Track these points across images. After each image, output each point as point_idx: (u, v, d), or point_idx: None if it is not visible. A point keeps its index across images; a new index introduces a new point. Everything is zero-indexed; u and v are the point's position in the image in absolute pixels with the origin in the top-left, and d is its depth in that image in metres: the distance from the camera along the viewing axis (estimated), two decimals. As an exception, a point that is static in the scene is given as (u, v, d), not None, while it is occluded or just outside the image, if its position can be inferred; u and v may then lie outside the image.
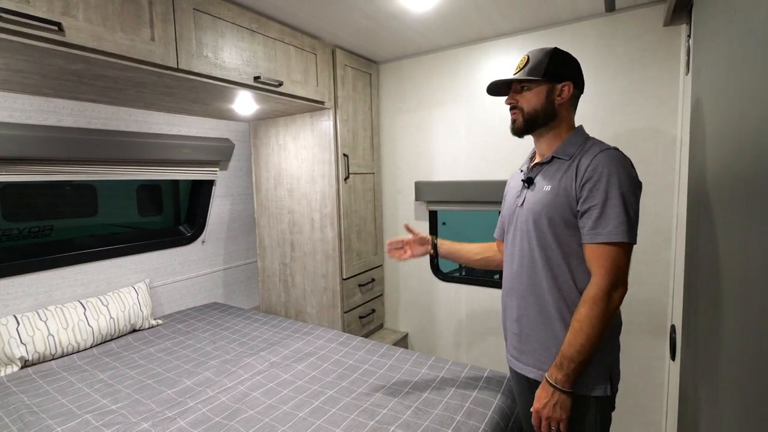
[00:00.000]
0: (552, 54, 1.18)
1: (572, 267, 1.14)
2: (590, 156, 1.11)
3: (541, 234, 1.17)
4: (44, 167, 1.92)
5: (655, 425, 2.00)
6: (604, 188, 1.05)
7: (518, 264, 1.25)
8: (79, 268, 2.17)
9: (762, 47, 0.66)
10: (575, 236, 1.13)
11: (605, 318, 1.05)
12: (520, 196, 1.26)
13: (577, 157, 1.14)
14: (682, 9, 1.70)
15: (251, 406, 1.51)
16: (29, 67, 1.41)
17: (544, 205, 1.16)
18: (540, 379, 1.18)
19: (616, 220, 1.04)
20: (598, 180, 1.06)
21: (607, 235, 1.04)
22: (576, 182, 1.11)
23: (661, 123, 1.89)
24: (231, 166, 2.86)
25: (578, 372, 1.07)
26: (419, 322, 2.75)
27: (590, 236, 1.07)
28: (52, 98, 1.90)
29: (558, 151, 1.19)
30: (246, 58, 1.79)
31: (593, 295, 1.06)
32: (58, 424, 1.39)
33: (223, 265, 2.96)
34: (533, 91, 1.19)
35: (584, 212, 1.09)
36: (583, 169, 1.10)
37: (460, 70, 2.40)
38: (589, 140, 1.18)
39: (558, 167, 1.17)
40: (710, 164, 1.06)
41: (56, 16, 1.20)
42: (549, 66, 1.17)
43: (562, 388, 1.07)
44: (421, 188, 2.56)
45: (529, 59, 1.20)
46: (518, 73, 1.21)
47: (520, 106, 1.21)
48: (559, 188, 1.14)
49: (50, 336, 1.89)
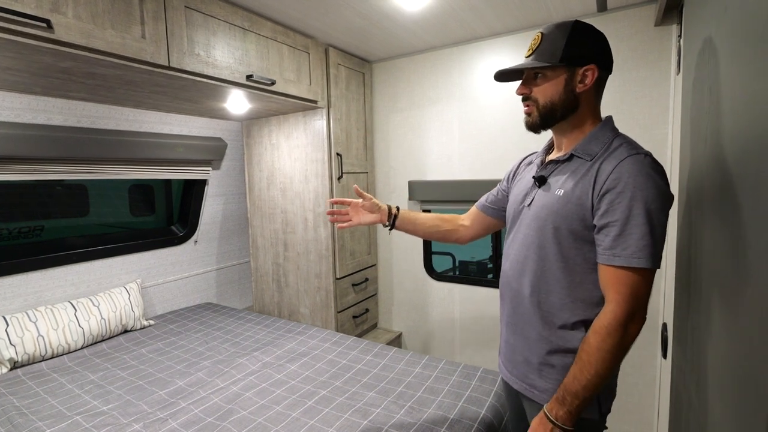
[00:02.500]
0: (571, 31, 0.98)
1: (572, 286, 0.99)
2: (614, 160, 0.92)
3: (542, 244, 1.02)
4: (33, 166, 1.90)
5: (647, 422, 2.01)
6: (627, 202, 0.88)
7: (510, 269, 1.13)
8: (69, 268, 2.14)
9: (750, 47, 0.66)
10: (581, 251, 0.97)
11: (619, 352, 0.89)
12: (529, 195, 1.10)
13: (599, 159, 0.96)
14: (673, 9, 1.72)
15: (244, 407, 1.50)
16: (18, 64, 1.39)
17: (551, 212, 1.00)
18: (525, 393, 1.09)
19: (639, 242, 0.87)
20: (621, 192, 0.89)
21: (628, 258, 0.88)
22: (594, 190, 0.93)
23: (653, 123, 1.90)
24: (223, 165, 2.84)
25: (582, 409, 0.92)
26: (413, 322, 2.76)
27: (607, 257, 0.91)
28: (42, 96, 1.88)
29: (578, 149, 1.01)
30: (238, 56, 1.78)
31: (607, 325, 0.89)
32: (47, 426, 1.37)
33: (216, 265, 2.95)
34: (549, 79, 1.00)
35: (602, 227, 0.92)
36: (604, 176, 0.92)
37: (453, 69, 2.41)
38: (617, 138, 0.99)
39: (576, 168, 1.00)
40: (701, 164, 1.07)
41: (45, 12, 1.18)
42: (567, 47, 0.97)
43: (563, 426, 0.93)
44: (415, 187, 2.57)
45: (543, 38, 1.00)
46: (530, 57, 1.02)
47: (534, 97, 1.03)
48: (572, 195, 0.97)
49: (40, 337, 1.87)
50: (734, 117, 0.76)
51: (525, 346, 1.08)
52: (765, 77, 0.58)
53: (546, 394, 1.04)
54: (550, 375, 1.04)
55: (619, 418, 2.05)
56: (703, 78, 1.06)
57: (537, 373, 1.06)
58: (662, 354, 1.79)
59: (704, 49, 1.06)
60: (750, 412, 0.61)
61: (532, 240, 1.05)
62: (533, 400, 1.07)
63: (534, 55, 1.01)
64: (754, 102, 0.63)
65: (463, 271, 5.01)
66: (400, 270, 2.77)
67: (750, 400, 0.61)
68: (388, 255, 2.80)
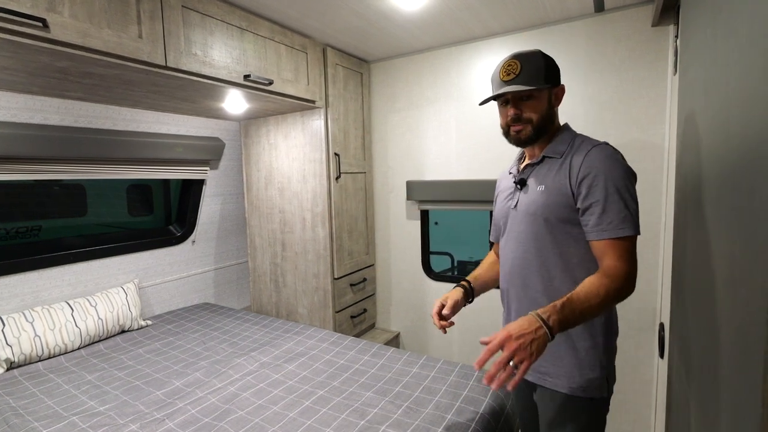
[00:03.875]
0: (545, 58, 1.15)
1: (570, 267, 1.12)
2: (582, 153, 1.10)
3: (536, 236, 1.15)
4: (31, 166, 1.89)
5: (644, 422, 2.02)
6: (603, 184, 1.04)
7: (510, 266, 1.24)
8: (66, 268, 2.14)
9: (744, 47, 0.66)
10: (572, 235, 1.11)
11: (617, 298, 1.00)
12: (513, 198, 1.24)
13: (568, 155, 1.13)
14: (670, 9, 1.72)
15: (241, 407, 1.50)
16: (14, 64, 1.38)
17: (539, 206, 1.14)
18: (538, 382, 1.19)
19: (619, 214, 1.03)
20: (595, 176, 1.05)
21: (614, 230, 1.03)
22: (571, 180, 1.09)
23: (650, 123, 1.90)
24: (221, 165, 2.84)
25: (565, 327, 0.96)
26: (411, 322, 2.76)
27: (596, 233, 1.06)
28: (38, 96, 1.87)
29: (548, 151, 1.18)
30: (236, 56, 1.77)
31: (615, 272, 1.01)
32: (44, 427, 1.37)
33: (214, 265, 2.94)
34: (538, 99, 1.15)
35: (585, 209, 1.07)
36: (577, 167, 1.09)
37: (450, 69, 2.41)
38: (577, 137, 1.17)
39: (550, 166, 1.16)
40: (697, 164, 1.07)
41: (41, 12, 1.18)
42: (547, 71, 1.14)
43: (550, 328, 0.92)
44: (413, 188, 2.57)
45: (522, 65, 1.13)
46: (515, 81, 1.13)
47: (528, 117, 1.15)
48: (552, 187, 1.12)
49: (37, 337, 1.86)
50: (728, 117, 0.76)
51: None
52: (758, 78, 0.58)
53: (559, 379, 1.15)
54: (562, 358, 1.14)
55: (617, 417, 2.05)
56: (698, 79, 1.06)
57: (550, 359, 1.15)
58: (659, 354, 1.80)
59: (699, 50, 1.06)
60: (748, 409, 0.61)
61: (526, 235, 1.18)
62: (546, 388, 1.18)
63: (519, 78, 1.12)
64: (748, 103, 0.63)
65: (462, 271, 5.02)
66: (398, 270, 2.77)
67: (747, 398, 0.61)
68: (386, 255, 2.80)
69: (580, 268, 1.12)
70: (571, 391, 1.13)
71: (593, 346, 1.13)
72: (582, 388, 1.12)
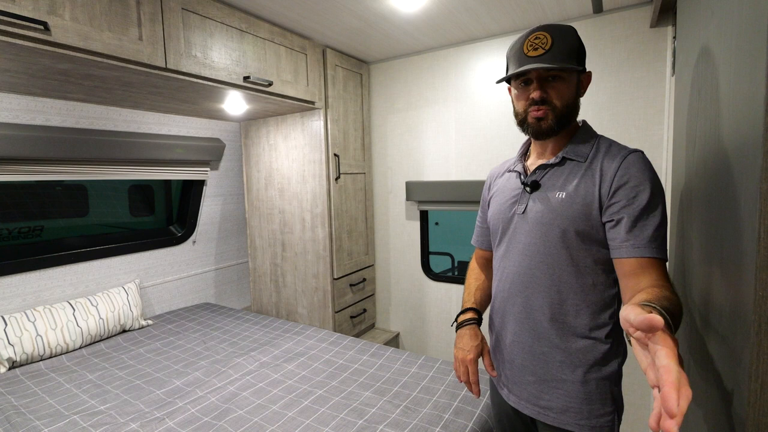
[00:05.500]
0: (577, 36, 0.96)
1: (585, 290, 0.95)
2: (616, 158, 0.92)
3: (549, 250, 0.97)
4: (32, 167, 1.91)
5: (642, 421, 2.02)
6: (647, 198, 0.87)
7: (511, 282, 1.06)
8: (68, 268, 2.15)
9: (734, 49, 0.67)
10: (590, 252, 0.94)
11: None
12: (520, 203, 1.04)
13: (596, 160, 0.95)
14: (668, 11, 1.73)
15: (240, 406, 1.51)
16: (16, 66, 1.40)
17: (556, 216, 0.96)
18: (535, 416, 1.02)
19: (656, 232, 0.87)
20: (636, 186, 0.88)
21: (658, 249, 0.86)
22: (601, 188, 0.91)
23: (648, 123, 1.91)
24: (222, 166, 2.85)
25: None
26: (410, 322, 2.76)
27: (634, 249, 0.87)
28: (40, 97, 1.89)
29: (569, 152, 0.99)
30: (235, 57, 1.78)
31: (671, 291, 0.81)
32: (45, 425, 1.38)
33: (214, 265, 2.96)
34: (566, 82, 0.95)
35: (618, 221, 0.89)
36: (610, 174, 0.91)
37: (450, 70, 2.41)
38: (601, 139, 0.99)
39: (572, 170, 0.97)
40: (692, 165, 1.08)
41: (42, 15, 1.19)
42: (579, 52, 0.95)
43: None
44: (412, 188, 2.57)
45: (554, 40, 0.93)
46: (545, 56, 0.93)
47: (552, 101, 0.95)
48: (576, 196, 0.94)
49: (38, 337, 1.88)
50: (725, 119, 0.77)
51: (537, 363, 1.01)
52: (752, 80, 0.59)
53: (563, 414, 0.97)
54: (566, 391, 0.97)
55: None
56: (695, 80, 1.07)
57: (552, 390, 0.99)
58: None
59: (695, 52, 1.06)
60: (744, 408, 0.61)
61: (536, 249, 0.99)
62: (549, 425, 1.00)
63: (549, 55, 0.92)
64: (744, 104, 0.64)
65: (462, 271, 5.02)
66: (397, 270, 2.78)
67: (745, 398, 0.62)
68: (385, 255, 2.81)
69: (594, 292, 0.95)
70: (580, 429, 0.96)
71: (605, 377, 0.96)
72: (592, 427, 0.95)
